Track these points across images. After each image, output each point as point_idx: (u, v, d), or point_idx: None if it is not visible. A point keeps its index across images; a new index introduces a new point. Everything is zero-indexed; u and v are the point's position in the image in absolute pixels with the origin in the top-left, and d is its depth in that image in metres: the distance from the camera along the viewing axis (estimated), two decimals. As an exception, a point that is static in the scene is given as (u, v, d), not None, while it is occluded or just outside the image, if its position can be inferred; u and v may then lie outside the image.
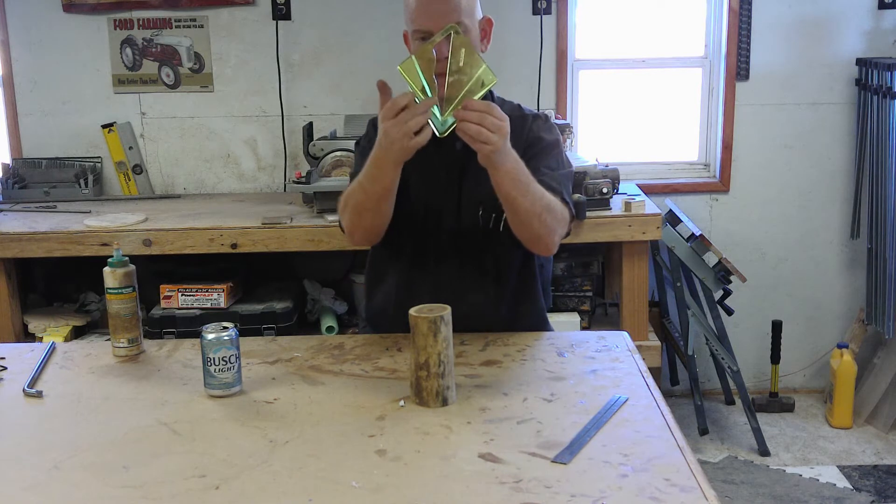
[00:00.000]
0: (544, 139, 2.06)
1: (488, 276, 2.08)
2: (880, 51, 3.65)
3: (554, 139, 2.09)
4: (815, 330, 3.92)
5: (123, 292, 1.94)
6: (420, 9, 1.94)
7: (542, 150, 2.05)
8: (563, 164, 2.08)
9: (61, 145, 3.73)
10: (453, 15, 1.91)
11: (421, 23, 1.93)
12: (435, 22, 1.90)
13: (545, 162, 2.03)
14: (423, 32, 1.93)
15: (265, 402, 1.72)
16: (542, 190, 1.91)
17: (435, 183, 2.06)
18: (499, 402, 1.69)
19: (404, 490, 1.37)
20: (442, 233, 2.07)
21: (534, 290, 2.17)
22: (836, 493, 3.10)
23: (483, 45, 2.02)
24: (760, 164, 3.78)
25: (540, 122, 2.09)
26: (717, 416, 3.73)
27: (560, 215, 1.96)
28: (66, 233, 3.12)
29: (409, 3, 1.98)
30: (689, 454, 1.46)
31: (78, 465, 1.48)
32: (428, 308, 1.68)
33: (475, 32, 1.97)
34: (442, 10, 1.91)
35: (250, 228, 3.11)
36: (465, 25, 1.91)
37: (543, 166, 2.02)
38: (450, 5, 1.92)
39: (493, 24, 2.04)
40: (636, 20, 3.79)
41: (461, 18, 1.91)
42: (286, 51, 3.67)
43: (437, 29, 1.89)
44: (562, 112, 3.70)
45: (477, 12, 1.99)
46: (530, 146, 2.04)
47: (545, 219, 1.91)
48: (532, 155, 2.02)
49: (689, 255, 3.41)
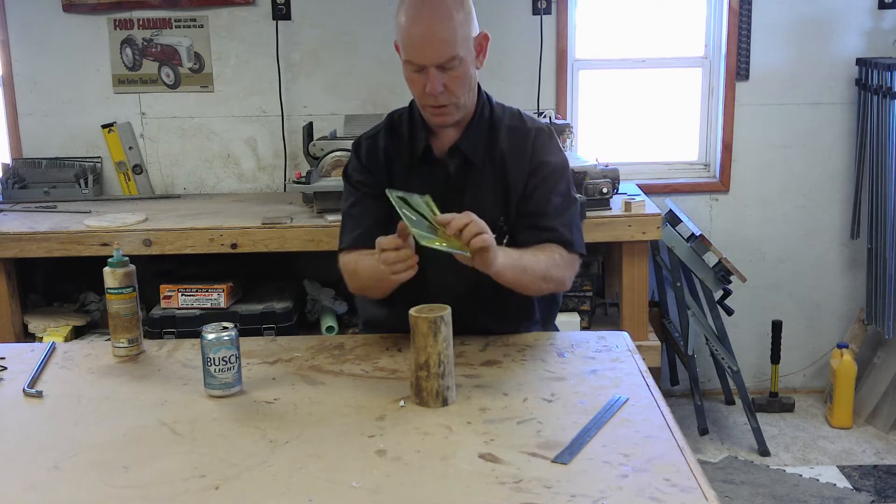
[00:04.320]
0: (550, 163, 2.03)
1: (487, 294, 2.04)
2: (880, 51, 3.65)
3: (560, 162, 2.05)
4: (815, 330, 3.92)
5: (123, 292, 1.94)
6: (413, 41, 1.87)
7: (550, 175, 2.02)
8: (571, 188, 2.06)
9: (61, 145, 3.73)
10: (448, 50, 1.86)
11: (413, 56, 1.88)
12: (429, 57, 1.86)
13: (556, 189, 2.01)
14: (415, 65, 1.89)
15: (265, 402, 1.72)
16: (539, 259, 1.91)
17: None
18: (499, 402, 1.69)
19: (404, 490, 1.37)
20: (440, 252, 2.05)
21: (532, 306, 2.15)
22: (836, 493, 3.10)
23: (478, 62, 1.97)
24: (760, 164, 3.78)
25: (543, 139, 2.05)
26: (717, 416, 3.73)
27: (566, 265, 1.99)
28: (66, 233, 3.12)
29: (401, 24, 1.90)
30: (689, 454, 1.46)
31: (78, 465, 1.48)
32: (428, 308, 1.68)
33: (470, 58, 1.92)
34: (436, 44, 1.86)
35: (250, 228, 3.11)
36: (459, 57, 1.87)
37: (555, 195, 2.00)
38: (444, 40, 1.86)
39: (489, 39, 1.99)
40: (636, 20, 3.78)
41: (456, 52, 1.87)
42: (286, 51, 3.67)
43: (430, 64, 1.86)
44: (562, 112, 3.70)
45: (473, 32, 1.92)
46: (535, 171, 2.01)
47: (551, 280, 1.96)
48: (539, 181, 2.00)
49: (689, 255, 3.41)
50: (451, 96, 1.92)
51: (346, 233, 2.08)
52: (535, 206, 2.01)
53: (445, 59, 1.86)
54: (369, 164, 2.08)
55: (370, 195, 2.06)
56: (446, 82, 1.89)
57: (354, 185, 2.09)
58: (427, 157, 2.03)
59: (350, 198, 2.10)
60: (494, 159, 2.02)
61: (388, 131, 2.09)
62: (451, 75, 1.89)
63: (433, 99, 1.91)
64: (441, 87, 1.88)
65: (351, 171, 2.11)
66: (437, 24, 1.85)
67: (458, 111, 1.96)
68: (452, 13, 1.86)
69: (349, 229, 2.07)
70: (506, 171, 2.02)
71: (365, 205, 2.06)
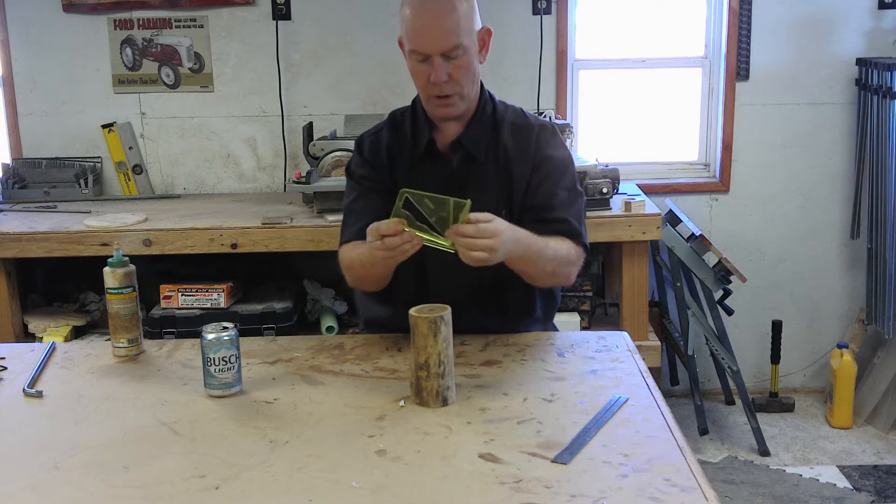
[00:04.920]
0: (554, 158, 2.03)
1: (488, 291, 2.05)
2: (880, 51, 3.65)
3: (564, 156, 2.06)
4: (815, 330, 3.92)
5: (123, 292, 1.94)
6: (417, 31, 1.89)
7: (555, 169, 2.02)
8: (576, 182, 2.06)
9: (61, 145, 3.72)
10: (452, 38, 1.87)
11: (418, 45, 1.89)
12: (433, 46, 1.87)
13: (561, 183, 2.02)
14: (420, 54, 1.90)
15: (265, 402, 1.72)
16: (550, 248, 1.92)
17: None
18: (499, 402, 1.69)
19: (404, 490, 1.37)
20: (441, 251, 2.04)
21: (533, 304, 2.15)
22: (836, 493, 3.10)
23: (481, 56, 1.97)
24: (760, 164, 3.78)
25: (546, 136, 2.05)
26: (717, 416, 3.73)
27: (573, 258, 1.99)
28: (66, 233, 3.12)
29: (405, 16, 1.92)
30: (689, 454, 1.46)
31: (78, 465, 1.48)
32: (428, 308, 1.68)
33: (474, 49, 1.93)
34: (440, 33, 1.88)
35: (250, 228, 3.11)
36: (463, 46, 1.89)
37: (560, 189, 2.01)
38: (448, 28, 1.87)
39: (491, 34, 2.00)
40: (636, 20, 3.78)
41: (460, 41, 1.88)
42: (286, 51, 3.67)
43: (435, 52, 1.87)
44: (562, 112, 3.70)
45: (476, 25, 1.94)
46: (539, 166, 2.01)
47: (558, 273, 1.97)
48: (544, 176, 2.01)
49: (689, 255, 3.41)
50: (456, 86, 1.93)
51: (347, 227, 2.08)
52: (541, 201, 2.01)
53: (450, 47, 1.87)
54: (372, 159, 2.08)
55: (373, 190, 2.07)
56: (451, 72, 1.90)
57: (357, 180, 2.10)
58: (430, 152, 2.04)
59: (352, 193, 2.10)
60: (497, 155, 2.03)
61: (391, 128, 2.10)
62: (456, 64, 1.90)
63: (438, 89, 1.92)
64: (446, 76, 1.89)
65: (354, 167, 2.12)
66: (442, 13, 1.87)
67: (462, 102, 1.97)
68: (456, 4, 1.89)
69: (351, 223, 2.07)
70: (509, 166, 2.02)
71: (367, 200, 2.07)
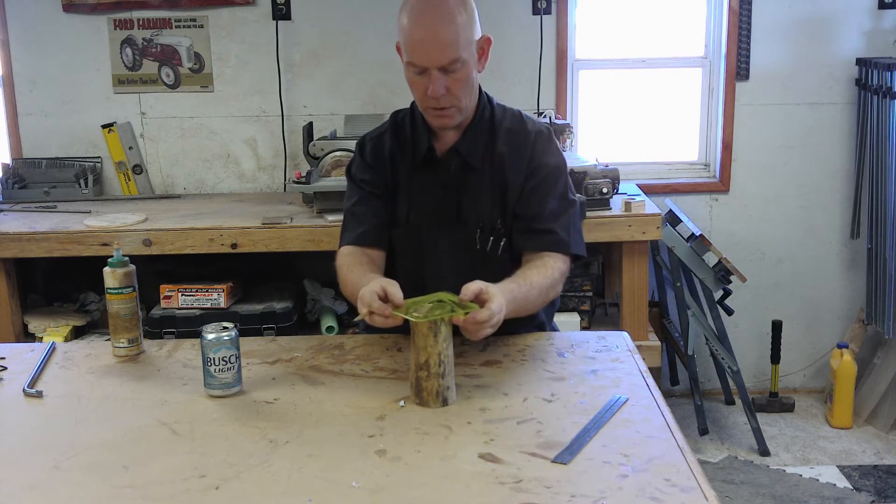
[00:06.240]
0: (547, 165, 2.01)
1: None
2: (880, 51, 3.65)
3: (557, 164, 2.04)
4: (815, 330, 3.92)
5: (123, 292, 1.94)
6: (415, 44, 1.86)
7: (547, 177, 2.01)
8: (569, 190, 2.05)
9: (61, 145, 3.73)
10: (450, 52, 1.85)
11: (415, 58, 1.87)
12: (431, 60, 1.85)
13: (552, 192, 2.00)
14: (417, 67, 1.88)
15: (265, 402, 1.72)
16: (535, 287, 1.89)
17: (432, 202, 2.03)
18: (499, 402, 1.69)
19: (404, 490, 1.37)
20: (439, 251, 2.04)
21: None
22: (836, 493, 3.10)
23: (480, 65, 1.95)
24: (760, 164, 3.78)
25: (542, 143, 2.03)
26: (717, 416, 3.73)
27: (557, 278, 1.97)
28: (66, 233, 3.12)
29: (403, 26, 1.89)
30: (689, 454, 1.46)
31: (78, 465, 1.48)
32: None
33: (472, 60, 1.91)
34: (438, 47, 1.85)
35: (250, 228, 3.11)
36: (462, 60, 1.86)
37: (551, 198, 2.00)
38: (446, 42, 1.84)
39: (491, 42, 1.97)
40: (636, 20, 3.79)
41: (458, 55, 1.85)
42: (286, 51, 3.67)
43: (433, 66, 1.85)
44: (562, 112, 3.70)
45: (475, 34, 1.91)
46: (533, 173, 2.00)
47: (547, 300, 1.99)
48: (536, 184, 2.00)
49: (689, 255, 3.41)
50: (453, 99, 1.91)
51: (347, 230, 2.08)
52: (531, 210, 2.00)
53: (448, 61, 1.85)
54: (374, 162, 2.07)
55: (374, 194, 2.06)
56: (448, 85, 1.88)
57: (358, 184, 2.09)
58: (429, 158, 2.03)
59: (353, 196, 2.10)
60: (493, 162, 2.02)
61: (394, 132, 2.09)
62: (453, 78, 1.88)
63: (435, 101, 1.91)
64: (443, 90, 1.88)
65: (355, 171, 2.11)
66: (440, 26, 1.84)
67: (459, 114, 1.96)
68: (455, 15, 1.85)
69: (351, 227, 2.07)
70: (504, 173, 2.01)
71: (368, 204, 2.06)
